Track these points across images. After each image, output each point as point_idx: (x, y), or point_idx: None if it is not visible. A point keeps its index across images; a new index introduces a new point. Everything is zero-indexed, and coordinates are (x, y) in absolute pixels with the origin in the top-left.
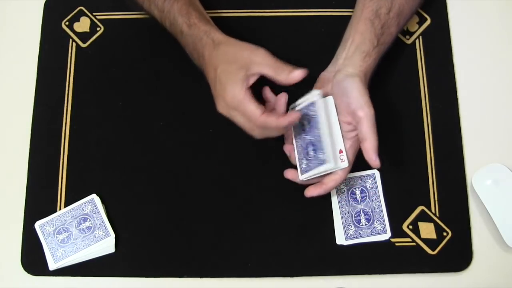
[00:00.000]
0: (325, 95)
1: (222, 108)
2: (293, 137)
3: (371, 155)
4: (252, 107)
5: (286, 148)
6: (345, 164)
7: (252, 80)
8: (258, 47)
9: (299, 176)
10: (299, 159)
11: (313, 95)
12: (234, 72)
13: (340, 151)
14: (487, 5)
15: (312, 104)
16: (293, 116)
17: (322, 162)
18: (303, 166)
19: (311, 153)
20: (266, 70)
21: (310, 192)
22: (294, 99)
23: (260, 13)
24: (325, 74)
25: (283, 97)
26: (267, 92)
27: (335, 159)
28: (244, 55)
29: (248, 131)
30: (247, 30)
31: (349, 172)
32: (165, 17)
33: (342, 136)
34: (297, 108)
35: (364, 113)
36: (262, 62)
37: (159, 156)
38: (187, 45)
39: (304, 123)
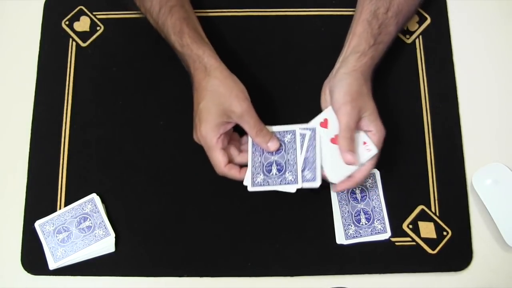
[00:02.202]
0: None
1: (196, 138)
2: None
3: (343, 154)
4: (218, 156)
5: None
6: (372, 152)
7: (229, 127)
8: (245, 98)
9: (331, 178)
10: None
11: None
12: (214, 115)
13: (364, 143)
14: (487, 5)
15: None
16: None
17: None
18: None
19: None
20: (246, 127)
21: (340, 187)
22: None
23: (260, 12)
24: (326, 81)
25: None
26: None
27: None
28: (229, 103)
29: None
30: (247, 29)
31: (377, 160)
32: (159, 29)
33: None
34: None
35: (341, 112)
36: (245, 118)
37: (159, 156)
38: (181, 60)
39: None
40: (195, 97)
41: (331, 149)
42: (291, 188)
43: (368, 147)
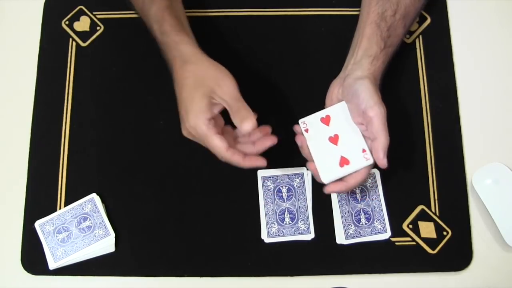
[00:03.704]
0: (337, 101)
1: (185, 133)
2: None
3: (379, 153)
4: (216, 142)
5: (299, 139)
6: (369, 161)
7: (217, 110)
8: (227, 75)
9: (322, 177)
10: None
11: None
12: (198, 100)
13: (363, 150)
14: (487, 5)
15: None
16: (258, 162)
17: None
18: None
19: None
20: (225, 105)
21: (331, 188)
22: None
23: (260, 12)
24: (335, 81)
25: (268, 142)
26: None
27: (359, 159)
28: (209, 82)
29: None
30: (247, 29)
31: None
32: (144, 22)
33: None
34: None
35: (374, 112)
36: (224, 96)
37: (158, 156)
38: (162, 52)
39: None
40: (176, 90)
41: (327, 148)
42: (305, 238)
43: (367, 156)
